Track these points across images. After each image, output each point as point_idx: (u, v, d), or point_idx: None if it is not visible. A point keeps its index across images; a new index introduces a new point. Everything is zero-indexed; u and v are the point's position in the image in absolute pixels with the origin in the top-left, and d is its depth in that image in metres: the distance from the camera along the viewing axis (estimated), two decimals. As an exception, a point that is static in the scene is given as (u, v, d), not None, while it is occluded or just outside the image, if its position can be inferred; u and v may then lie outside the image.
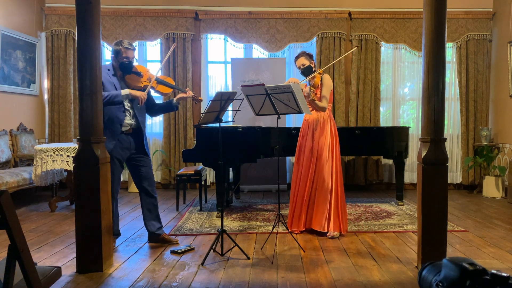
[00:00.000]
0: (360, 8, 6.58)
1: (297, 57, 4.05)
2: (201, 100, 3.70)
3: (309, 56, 4.03)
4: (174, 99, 3.65)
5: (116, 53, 3.44)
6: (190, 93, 3.61)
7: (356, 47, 4.21)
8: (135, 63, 3.55)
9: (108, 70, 3.46)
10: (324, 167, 3.85)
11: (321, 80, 3.93)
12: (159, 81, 3.59)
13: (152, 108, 3.71)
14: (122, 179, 5.34)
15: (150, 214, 3.62)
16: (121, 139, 3.44)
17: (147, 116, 3.76)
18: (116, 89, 3.40)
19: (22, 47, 6.05)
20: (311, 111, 3.90)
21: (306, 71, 4.00)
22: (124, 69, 3.46)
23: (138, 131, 3.53)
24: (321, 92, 3.92)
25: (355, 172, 6.62)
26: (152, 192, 3.62)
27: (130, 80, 3.48)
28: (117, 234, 3.61)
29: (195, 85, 6.68)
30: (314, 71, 4.00)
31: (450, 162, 6.55)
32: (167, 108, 3.73)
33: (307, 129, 3.98)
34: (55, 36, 6.51)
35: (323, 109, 3.92)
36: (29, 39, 6.18)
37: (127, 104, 3.45)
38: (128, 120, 3.46)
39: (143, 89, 3.48)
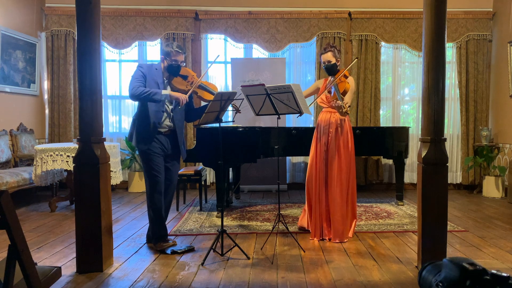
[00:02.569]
0: (360, 8, 6.58)
1: (325, 51, 3.79)
2: (240, 112, 3.58)
3: (338, 52, 3.81)
4: None
5: (166, 54, 3.42)
6: (233, 104, 3.52)
7: (356, 58, 4.21)
8: (182, 66, 3.51)
9: (156, 69, 3.46)
10: (343, 172, 3.73)
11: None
12: (202, 87, 3.54)
13: (190, 112, 3.67)
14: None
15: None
16: (158, 138, 3.43)
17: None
18: (159, 87, 3.41)
19: (22, 47, 6.05)
20: (330, 111, 3.77)
21: (331, 69, 3.80)
22: (172, 71, 3.45)
23: (175, 134, 3.52)
24: (347, 96, 3.68)
25: (355, 172, 6.61)
26: (172, 195, 3.64)
27: (175, 83, 3.48)
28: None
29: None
30: (338, 70, 3.83)
31: (450, 162, 6.55)
32: (203, 111, 3.53)
33: (324, 131, 3.79)
34: (55, 36, 6.51)
35: (345, 114, 3.63)
36: (29, 39, 6.18)
37: (167, 106, 3.44)
38: (167, 122, 3.46)
39: (185, 92, 3.44)
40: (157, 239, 3.45)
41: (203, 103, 3.81)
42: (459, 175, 6.73)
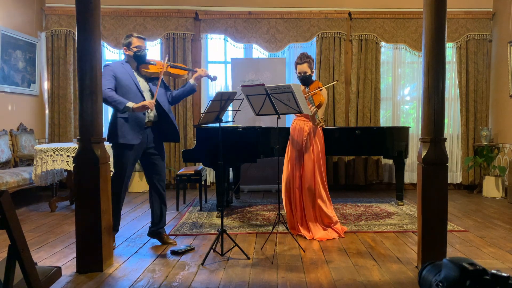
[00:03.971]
0: (360, 8, 6.58)
1: (301, 62, 3.88)
2: (216, 78, 3.67)
3: (312, 63, 3.93)
4: (191, 79, 3.62)
5: (128, 45, 3.47)
6: (203, 71, 3.61)
7: (336, 81, 4.40)
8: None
9: (122, 64, 3.48)
10: (317, 179, 3.85)
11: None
12: (172, 66, 3.64)
13: (171, 95, 3.67)
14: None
15: (158, 209, 3.65)
16: (140, 133, 3.42)
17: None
18: (133, 80, 3.43)
19: (22, 47, 6.05)
20: (303, 120, 3.91)
21: (306, 80, 3.92)
22: (138, 58, 3.48)
23: (158, 125, 3.53)
24: (320, 110, 3.87)
25: (355, 172, 6.62)
26: (163, 188, 3.65)
27: (145, 69, 3.52)
28: (116, 230, 3.57)
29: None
30: (313, 81, 3.95)
31: (450, 162, 6.55)
32: (186, 90, 3.66)
33: (298, 138, 3.91)
34: (55, 36, 6.51)
35: (318, 125, 3.80)
36: (29, 39, 6.18)
37: (147, 98, 3.44)
38: (151, 113, 3.47)
39: (157, 76, 3.50)
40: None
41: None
42: (459, 175, 6.73)
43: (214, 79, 3.66)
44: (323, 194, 3.89)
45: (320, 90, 3.86)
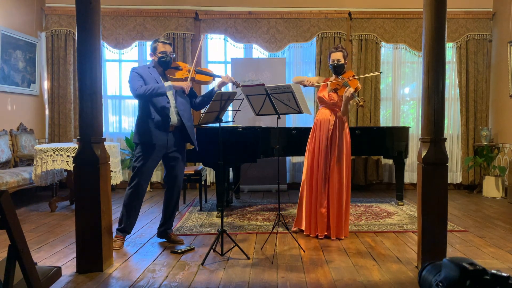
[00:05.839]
0: (360, 8, 6.58)
1: (336, 50, 3.82)
2: (240, 85, 3.64)
3: (347, 55, 3.88)
4: (216, 86, 3.62)
5: (154, 50, 3.50)
6: (228, 78, 3.60)
7: (380, 72, 4.36)
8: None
9: (148, 68, 3.53)
10: (343, 171, 3.77)
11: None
12: (198, 71, 3.65)
13: (195, 101, 3.73)
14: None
15: (169, 211, 3.71)
16: (161, 136, 3.48)
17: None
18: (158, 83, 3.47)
19: (22, 47, 6.05)
20: (327, 109, 3.82)
21: (339, 68, 3.83)
22: (164, 64, 3.51)
23: (178, 130, 3.56)
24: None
25: (355, 172, 6.62)
26: (179, 192, 3.71)
27: (171, 74, 3.56)
28: (129, 231, 3.65)
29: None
30: (345, 71, 3.89)
31: (450, 162, 6.55)
32: (209, 96, 3.66)
33: (323, 129, 3.81)
34: (55, 36, 6.51)
35: (347, 114, 3.81)
36: (29, 39, 6.18)
37: (170, 102, 3.48)
38: (174, 117, 3.50)
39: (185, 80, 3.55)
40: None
41: (203, 90, 3.90)
42: (459, 175, 6.73)
43: (238, 85, 3.61)
44: (343, 198, 3.78)
45: (354, 78, 3.80)
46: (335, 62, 3.82)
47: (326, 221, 3.80)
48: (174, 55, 3.60)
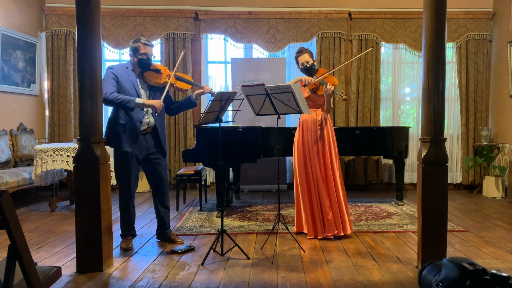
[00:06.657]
0: (360, 8, 6.58)
1: (300, 53, 3.89)
2: (215, 93, 3.64)
3: (312, 54, 3.95)
4: (193, 95, 3.62)
5: (134, 50, 3.43)
6: (207, 89, 3.58)
7: (372, 48, 4.34)
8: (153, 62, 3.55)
9: (126, 68, 3.46)
10: (335, 167, 3.81)
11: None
12: (178, 78, 3.59)
13: (170, 107, 3.70)
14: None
15: (160, 213, 3.67)
16: (139, 139, 3.45)
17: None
18: (135, 87, 3.41)
19: (22, 47, 6.05)
20: (312, 109, 3.83)
21: (310, 69, 3.89)
22: (143, 66, 3.45)
23: (156, 131, 3.54)
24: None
25: (355, 172, 6.62)
26: (165, 193, 3.66)
27: (149, 77, 3.48)
28: (133, 234, 3.62)
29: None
30: (316, 70, 3.94)
31: (450, 162, 6.55)
32: (186, 104, 3.69)
33: (310, 130, 3.84)
34: (55, 36, 6.51)
35: (331, 110, 3.88)
36: (29, 39, 6.18)
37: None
38: (146, 119, 3.47)
39: (162, 86, 3.48)
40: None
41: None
42: (459, 175, 6.73)
43: (214, 94, 3.57)
44: (340, 193, 3.81)
45: (329, 73, 3.85)
46: (305, 64, 3.88)
47: (334, 223, 3.78)
48: (154, 57, 3.53)
